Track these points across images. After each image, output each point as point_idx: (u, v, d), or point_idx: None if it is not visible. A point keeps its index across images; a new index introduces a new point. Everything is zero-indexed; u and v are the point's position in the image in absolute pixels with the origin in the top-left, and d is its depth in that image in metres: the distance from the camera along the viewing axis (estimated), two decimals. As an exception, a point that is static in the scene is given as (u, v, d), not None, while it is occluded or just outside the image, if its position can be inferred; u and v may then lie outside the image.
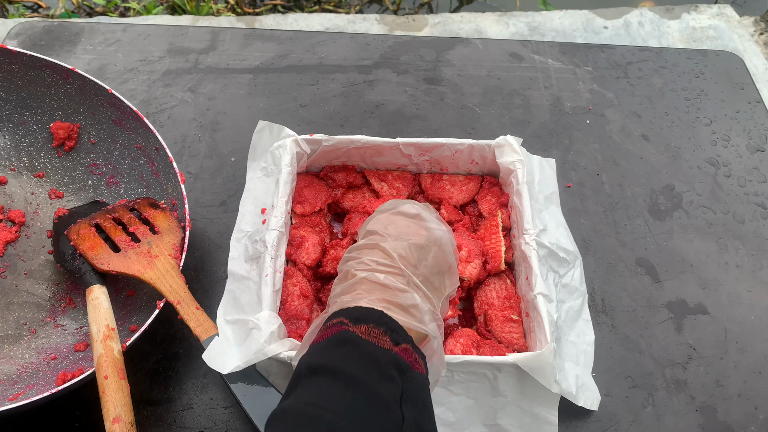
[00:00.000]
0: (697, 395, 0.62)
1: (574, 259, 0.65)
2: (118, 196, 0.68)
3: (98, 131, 0.68)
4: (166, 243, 0.60)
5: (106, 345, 0.52)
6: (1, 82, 0.65)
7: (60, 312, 0.62)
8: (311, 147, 0.67)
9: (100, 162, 0.69)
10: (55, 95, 0.66)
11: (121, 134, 0.67)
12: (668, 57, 0.94)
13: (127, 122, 0.65)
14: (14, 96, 0.66)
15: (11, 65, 0.64)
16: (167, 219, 0.63)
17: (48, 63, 0.63)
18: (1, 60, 0.64)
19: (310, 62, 0.90)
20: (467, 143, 0.68)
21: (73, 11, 1.46)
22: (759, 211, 0.76)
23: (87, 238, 0.61)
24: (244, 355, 0.52)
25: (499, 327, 0.61)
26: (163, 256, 0.59)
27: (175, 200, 0.64)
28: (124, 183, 0.68)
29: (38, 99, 0.67)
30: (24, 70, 0.65)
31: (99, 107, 0.66)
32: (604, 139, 0.83)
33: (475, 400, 0.55)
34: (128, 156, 0.67)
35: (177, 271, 0.58)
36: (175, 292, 0.56)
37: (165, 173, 0.64)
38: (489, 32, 1.15)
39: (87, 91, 0.65)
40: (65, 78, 0.65)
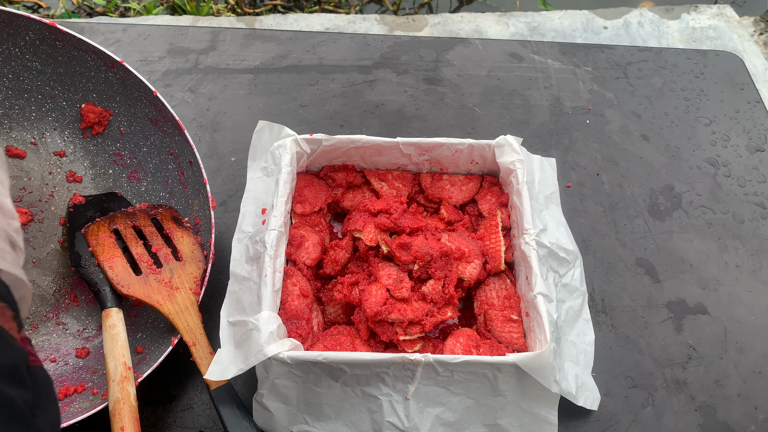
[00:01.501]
0: (696, 395, 0.62)
1: (574, 258, 0.65)
2: (138, 194, 0.66)
3: (130, 123, 0.66)
4: (188, 274, 0.59)
5: (124, 389, 0.50)
6: (40, 54, 0.62)
7: (63, 308, 0.61)
8: (311, 147, 0.67)
9: (125, 153, 0.66)
10: (94, 78, 0.64)
11: (154, 134, 0.65)
12: (668, 57, 0.94)
13: (165, 126, 0.64)
14: (50, 69, 0.64)
15: (55, 41, 0.61)
16: (191, 244, 0.61)
17: (95, 48, 0.61)
18: (47, 35, 0.61)
19: (310, 62, 0.90)
20: (467, 143, 0.68)
21: (73, 11, 1.46)
22: (759, 211, 0.76)
23: (107, 247, 0.59)
24: (245, 357, 0.52)
25: (499, 327, 0.61)
26: (184, 289, 0.58)
27: (199, 220, 0.62)
28: (146, 181, 0.66)
29: (74, 77, 0.64)
30: (67, 48, 0.62)
31: (138, 102, 0.64)
32: (604, 139, 0.83)
33: (474, 400, 0.55)
34: (156, 156, 0.66)
35: (196, 308, 0.57)
36: (192, 333, 0.55)
37: (194, 189, 0.63)
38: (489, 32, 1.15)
39: (129, 84, 0.63)
40: (110, 66, 0.63)
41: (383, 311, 0.57)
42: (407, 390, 0.54)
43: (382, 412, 0.54)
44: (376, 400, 0.54)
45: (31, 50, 0.62)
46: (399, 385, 0.54)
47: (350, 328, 0.60)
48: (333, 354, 0.52)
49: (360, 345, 0.58)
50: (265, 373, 0.54)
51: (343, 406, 0.55)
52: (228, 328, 0.56)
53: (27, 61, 0.63)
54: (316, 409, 0.55)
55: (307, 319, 0.59)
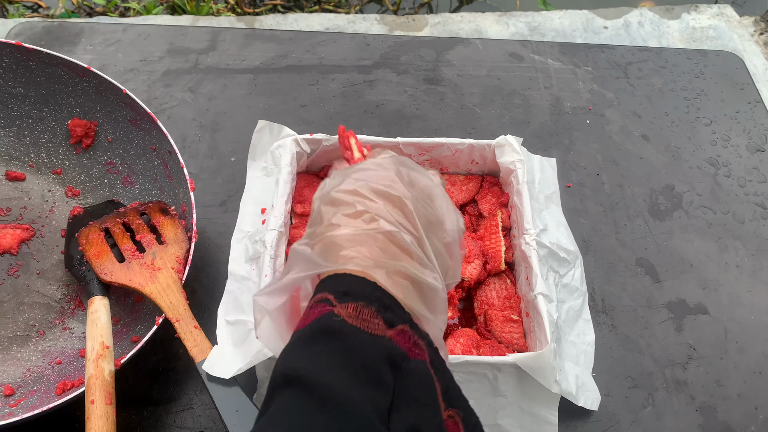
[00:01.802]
0: (697, 395, 0.62)
1: (574, 258, 0.65)
2: (133, 197, 0.68)
3: (115, 130, 0.68)
4: (170, 255, 0.60)
5: (98, 365, 0.51)
6: (20, 79, 0.65)
7: (69, 314, 0.62)
8: (311, 146, 0.67)
9: (116, 161, 0.68)
10: (73, 92, 0.66)
11: (136, 134, 0.67)
12: (668, 57, 0.94)
13: (142, 123, 0.65)
14: (33, 92, 0.66)
15: (29, 62, 0.64)
16: (175, 228, 0.62)
17: (64, 61, 0.63)
18: (19, 57, 0.63)
19: (310, 62, 0.90)
20: (467, 143, 0.68)
21: (73, 11, 1.46)
22: (759, 211, 0.76)
23: (95, 243, 0.61)
24: (244, 357, 0.52)
25: (499, 327, 0.61)
26: (166, 269, 0.58)
27: (185, 206, 0.63)
28: (139, 183, 0.68)
29: (56, 96, 0.67)
30: (41, 67, 0.64)
31: (115, 106, 0.66)
32: (604, 139, 0.83)
33: (475, 401, 0.54)
34: (143, 156, 0.67)
35: (178, 285, 0.57)
36: (175, 309, 0.55)
37: (177, 177, 0.64)
38: (489, 32, 1.15)
39: (103, 89, 0.65)
40: (81, 76, 0.65)
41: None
42: (407, 390, 0.54)
43: (382, 413, 0.54)
44: (376, 401, 0.54)
45: (11, 76, 0.65)
46: (399, 386, 0.54)
47: (350, 328, 0.60)
48: (333, 354, 0.52)
49: (360, 345, 0.58)
50: (266, 374, 0.54)
51: (343, 407, 0.55)
52: (226, 327, 0.56)
53: (11, 88, 0.66)
54: (316, 409, 0.55)
55: (307, 320, 0.59)
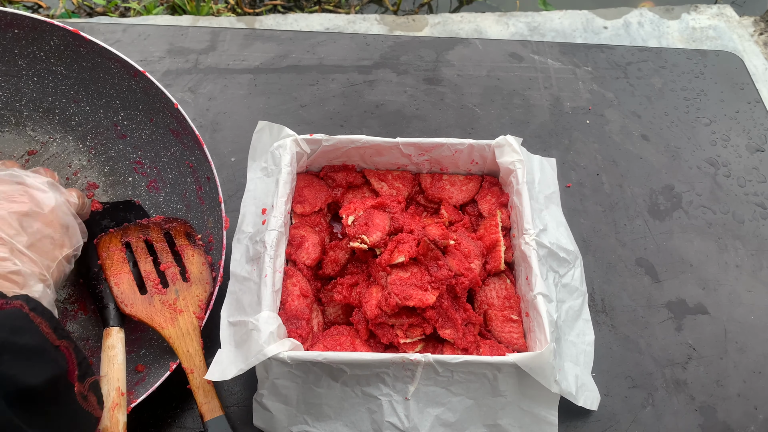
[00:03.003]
0: (696, 395, 0.62)
1: (574, 258, 0.65)
2: (156, 204, 0.66)
3: (152, 132, 0.65)
4: (193, 297, 0.58)
5: (113, 417, 0.49)
6: (65, 59, 0.62)
7: (71, 316, 0.60)
8: (311, 147, 0.67)
9: (146, 162, 0.66)
10: (117, 85, 0.64)
11: (175, 145, 0.64)
12: (668, 57, 0.94)
13: (185, 138, 0.63)
14: (74, 74, 0.63)
15: (80, 47, 0.61)
16: (201, 264, 0.60)
17: (118, 58, 0.61)
18: (71, 41, 0.60)
19: (310, 62, 0.90)
20: (467, 143, 0.68)
21: (73, 11, 1.46)
22: (759, 211, 0.76)
23: (116, 261, 0.59)
24: (245, 358, 0.52)
25: (499, 327, 0.61)
26: (188, 313, 0.57)
27: (212, 238, 0.61)
28: (165, 192, 0.66)
29: (98, 83, 0.64)
30: (92, 55, 0.61)
31: (159, 112, 0.64)
32: (604, 139, 0.83)
33: (475, 401, 0.55)
34: (176, 168, 0.65)
35: (197, 333, 0.56)
36: (191, 359, 0.54)
37: (210, 206, 0.62)
38: (489, 32, 1.15)
39: (152, 94, 0.63)
40: (133, 75, 0.62)
41: (383, 314, 0.57)
42: (407, 390, 0.54)
43: (382, 413, 0.54)
44: (376, 401, 0.54)
45: (56, 55, 0.62)
46: (399, 386, 0.54)
47: (350, 328, 0.60)
48: (333, 354, 0.52)
49: (360, 345, 0.58)
50: (265, 374, 0.54)
51: (343, 407, 0.55)
52: (228, 328, 0.56)
53: (52, 65, 0.63)
54: (316, 409, 0.55)
55: (307, 320, 0.59)
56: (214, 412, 0.52)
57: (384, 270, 0.58)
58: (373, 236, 0.60)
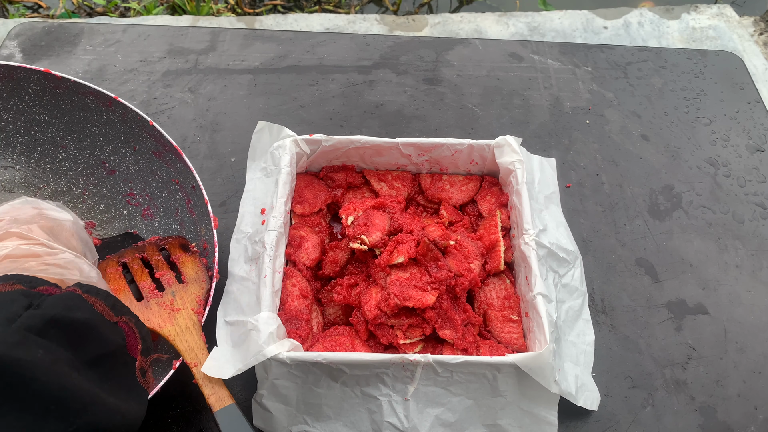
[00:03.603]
0: (696, 395, 0.62)
1: (574, 259, 0.65)
2: (153, 230, 0.66)
3: (138, 161, 0.67)
4: (190, 294, 0.58)
5: None
6: (45, 105, 0.65)
7: None
8: (311, 147, 0.67)
9: (137, 192, 0.67)
10: (98, 121, 0.66)
11: (160, 166, 0.66)
12: (668, 57, 0.94)
13: (167, 155, 0.64)
14: (57, 119, 0.66)
15: (56, 89, 0.63)
16: (195, 266, 0.60)
17: (91, 90, 0.63)
18: (46, 84, 0.63)
19: (309, 62, 0.90)
20: (467, 143, 0.68)
21: (73, 11, 1.46)
22: (758, 211, 0.76)
23: (112, 279, 0.59)
24: (243, 358, 0.52)
25: (499, 327, 0.61)
26: (186, 310, 0.57)
27: (207, 244, 0.62)
28: (159, 217, 0.67)
29: (81, 124, 0.66)
30: (68, 94, 0.64)
31: (140, 137, 0.65)
32: (604, 139, 0.83)
33: (474, 401, 0.55)
34: (165, 189, 0.66)
35: (198, 328, 0.56)
36: (193, 353, 0.54)
37: (200, 213, 0.63)
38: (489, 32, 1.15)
39: (129, 119, 0.64)
40: (108, 105, 0.64)
41: (382, 315, 0.57)
42: (407, 390, 0.54)
43: (381, 413, 0.54)
44: (376, 401, 0.54)
45: (37, 103, 0.65)
46: (398, 386, 0.54)
47: (350, 328, 0.60)
48: (332, 354, 0.52)
49: (359, 345, 0.58)
50: (265, 374, 0.54)
51: (343, 407, 0.55)
52: (225, 327, 0.56)
53: (35, 115, 0.65)
54: (316, 409, 0.55)
55: (306, 320, 0.59)
56: (224, 402, 0.51)
57: (383, 270, 0.58)
58: (373, 236, 0.60)
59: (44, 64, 0.87)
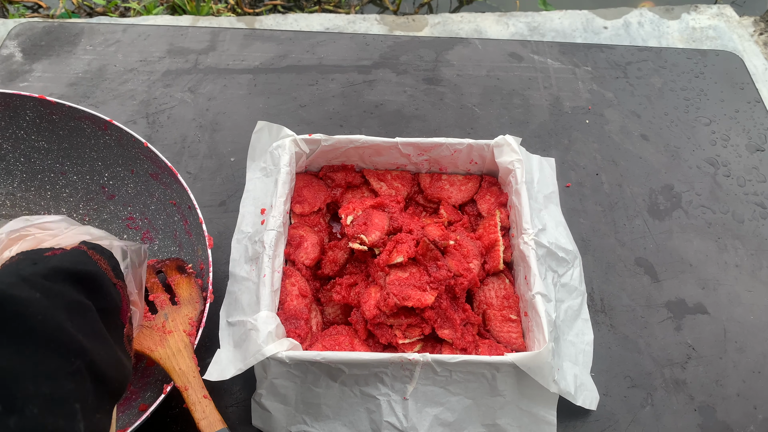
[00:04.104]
0: (696, 395, 0.62)
1: (573, 258, 0.65)
2: (152, 253, 0.66)
3: (136, 184, 0.67)
4: (182, 316, 0.58)
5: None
6: (43, 132, 0.65)
7: None
8: (310, 147, 0.67)
9: (136, 216, 0.68)
10: (95, 146, 0.66)
11: (157, 188, 0.66)
12: (668, 57, 0.94)
13: (163, 177, 0.64)
14: (56, 146, 0.66)
15: (52, 115, 0.64)
16: (190, 287, 0.60)
17: (86, 114, 0.63)
18: (42, 110, 0.63)
19: (309, 62, 0.90)
20: (466, 143, 0.68)
21: (73, 11, 1.46)
22: (758, 211, 0.76)
23: None
24: (243, 357, 0.52)
25: (498, 326, 0.61)
26: (177, 332, 0.56)
27: (203, 264, 0.61)
28: (158, 239, 0.67)
29: (78, 149, 0.66)
30: (64, 120, 0.64)
31: (137, 159, 0.65)
32: (604, 138, 0.83)
33: (473, 400, 0.55)
34: (163, 212, 0.66)
35: (189, 350, 0.55)
36: (184, 376, 0.53)
37: (196, 234, 0.63)
38: (489, 32, 1.15)
39: (124, 142, 0.64)
40: (104, 129, 0.64)
41: (381, 314, 0.57)
42: (406, 390, 0.54)
43: (380, 412, 0.54)
44: (375, 400, 0.54)
45: (35, 130, 0.65)
46: (397, 385, 0.54)
47: (349, 328, 0.60)
48: (331, 354, 0.52)
49: (358, 345, 0.58)
50: (264, 373, 0.54)
51: (342, 406, 0.55)
52: (227, 328, 0.56)
53: (34, 142, 0.66)
54: (315, 409, 0.55)
55: (305, 319, 0.59)
56: (214, 426, 0.51)
57: (383, 270, 0.58)
58: (372, 236, 0.60)
59: (44, 63, 0.87)
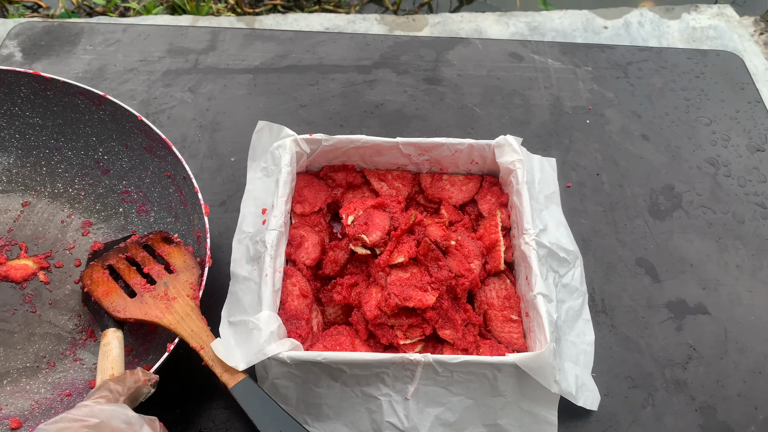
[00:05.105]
0: (697, 395, 0.62)
1: (574, 258, 0.65)
2: (148, 225, 0.67)
3: (130, 158, 0.68)
4: (183, 282, 0.58)
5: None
6: (37, 108, 0.66)
7: (80, 345, 0.61)
8: (311, 147, 0.67)
9: (131, 189, 0.68)
10: (89, 121, 0.67)
11: (152, 162, 0.67)
12: (668, 57, 0.94)
13: (157, 149, 0.65)
14: (50, 122, 0.67)
15: (46, 91, 0.65)
16: (182, 255, 0.60)
17: (81, 89, 0.64)
18: (36, 86, 0.64)
19: (309, 62, 0.90)
20: (467, 143, 0.68)
21: (73, 11, 1.46)
22: (759, 211, 0.76)
23: (101, 282, 0.59)
24: (245, 356, 0.52)
25: (499, 327, 0.61)
26: (181, 298, 0.57)
27: (200, 232, 0.62)
28: (154, 212, 0.67)
29: (73, 125, 0.67)
30: (58, 96, 0.65)
31: (131, 134, 0.66)
32: (604, 139, 0.83)
33: (474, 400, 0.55)
34: (158, 184, 0.67)
35: (197, 313, 0.56)
36: (197, 337, 0.54)
37: (192, 203, 0.63)
38: (489, 32, 1.15)
39: (119, 117, 0.65)
40: (98, 104, 0.65)
41: (382, 315, 0.57)
42: (407, 390, 0.54)
43: (381, 413, 0.54)
44: (376, 401, 0.54)
45: (29, 106, 0.66)
46: (398, 386, 0.54)
47: (350, 328, 0.60)
48: (333, 354, 0.52)
49: (359, 345, 0.58)
50: (265, 373, 0.54)
51: (343, 407, 0.55)
52: (229, 327, 0.56)
53: (29, 119, 0.67)
54: (316, 409, 0.55)
55: (306, 320, 0.59)
56: (237, 377, 0.51)
57: (383, 270, 0.58)
58: (373, 236, 0.60)
59: (44, 63, 0.87)
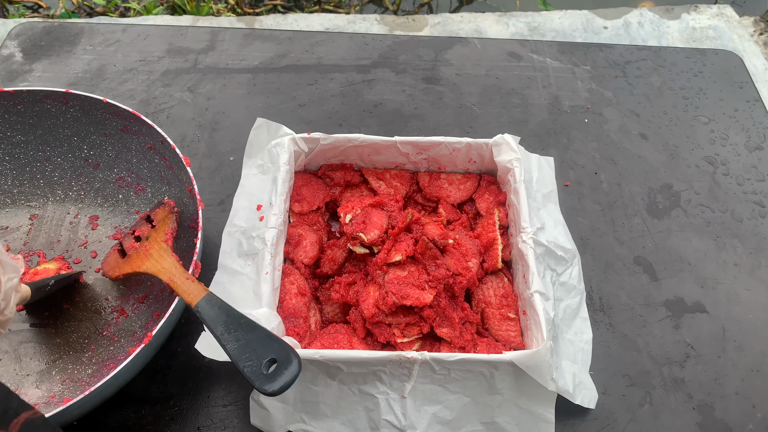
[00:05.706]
0: (694, 394, 0.62)
1: (572, 257, 0.65)
2: (148, 201, 0.69)
3: (113, 145, 0.69)
4: (159, 232, 0.62)
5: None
6: (15, 126, 0.67)
7: (114, 323, 0.63)
8: (309, 145, 0.67)
9: (124, 174, 0.70)
10: (65, 123, 0.68)
11: (132, 140, 0.68)
12: (667, 56, 0.94)
13: (132, 126, 0.66)
14: (32, 136, 0.68)
15: (17, 106, 0.66)
16: (164, 212, 0.64)
17: (45, 93, 0.65)
18: (6, 103, 0.65)
19: (308, 62, 0.90)
20: (465, 142, 0.68)
21: (73, 11, 1.47)
22: (757, 210, 0.76)
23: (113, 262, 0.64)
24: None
25: (496, 325, 0.61)
26: (157, 244, 0.60)
27: (189, 187, 0.63)
28: (149, 187, 0.69)
29: (53, 132, 0.68)
30: (29, 107, 0.66)
31: (105, 121, 0.67)
32: (603, 137, 0.83)
33: (472, 398, 0.55)
34: (144, 159, 0.68)
35: (169, 252, 0.59)
36: (168, 272, 0.57)
37: (176, 163, 0.65)
38: (489, 32, 1.15)
39: (88, 108, 0.66)
40: (65, 102, 0.66)
41: (380, 313, 0.57)
42: (404, 388, 0.54)
43: (379, 411, 0.54)
44: (373, 399, 0.54)
45: (7, 126, 0.67)
46: (396, 384, 0.54)
47: (347, 326, 0.60)
48: (330, 352, 0.52)
49: (357, 343, 0.58)
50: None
51: (340, 405, 0.55)
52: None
53: (11, 138, 0.68)
54: (313, 407, 0.55)
55: (304, 318, 0.59)
56: (200, 295, 0.52)
57: (381, 269, 0.58)
58: (371, 234, 0.60)
59: (44, 63, 0.87)
